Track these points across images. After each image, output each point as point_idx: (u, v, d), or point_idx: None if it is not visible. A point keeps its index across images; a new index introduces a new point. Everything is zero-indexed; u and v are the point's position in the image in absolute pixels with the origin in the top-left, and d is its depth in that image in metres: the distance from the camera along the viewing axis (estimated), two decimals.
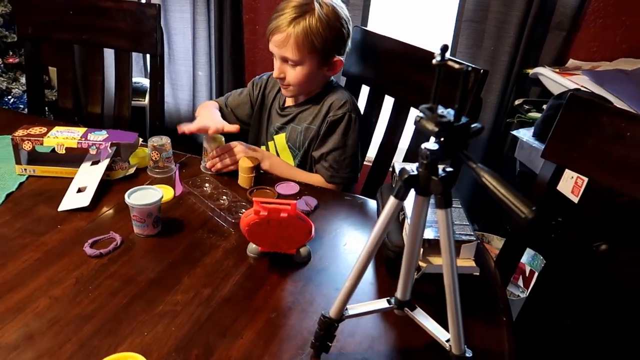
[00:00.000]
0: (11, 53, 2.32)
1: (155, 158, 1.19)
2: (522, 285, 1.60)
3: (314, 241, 0.98)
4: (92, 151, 1.15)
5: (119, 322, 0.77)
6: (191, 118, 2.54)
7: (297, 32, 1.18)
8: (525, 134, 1.48)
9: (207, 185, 1.15)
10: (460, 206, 0.90)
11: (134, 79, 2.36)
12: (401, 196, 0.61)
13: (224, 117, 1.43)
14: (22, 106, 2.32)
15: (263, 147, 1.42)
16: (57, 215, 1.03)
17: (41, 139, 1.14)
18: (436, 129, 0.55)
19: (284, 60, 1.23)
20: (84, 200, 1.05)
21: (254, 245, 0.93)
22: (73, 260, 0.90)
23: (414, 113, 1.03)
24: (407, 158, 1.33)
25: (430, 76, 0.55)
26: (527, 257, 1.60)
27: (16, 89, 2.31)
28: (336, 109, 1.28)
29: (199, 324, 0.78)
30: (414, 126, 0.63)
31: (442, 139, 0.57)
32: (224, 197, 1.10)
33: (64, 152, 1.14)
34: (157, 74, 1.53)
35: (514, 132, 1.51)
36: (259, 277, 0.90)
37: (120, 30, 1.49)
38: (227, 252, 0.95)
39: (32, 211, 1.04)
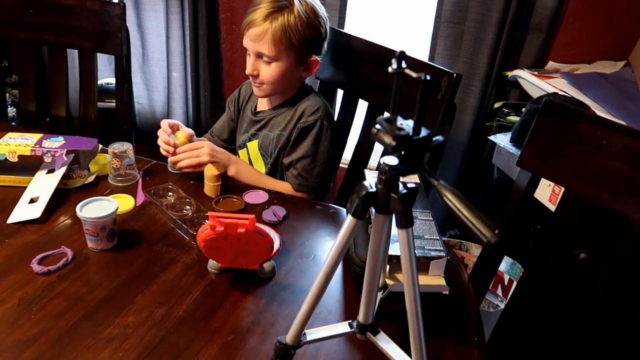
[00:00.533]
0: None
1: (116, 165, 1.13)
2: (500, 295, 1.57)
3: (281, 254, 0.93)
4: (47, 159, 1.08)
5: (61, 348, 0.72)
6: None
7: (275, 28, 1.13)
8: (502, 139, 1.44)
9: (170, 194, 1.09)
10: (431, 219, 0.85)
11: (107, 80, 2.28)
12: (359, 215, 0.56)
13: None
14: None
15: None
16: (6, 228, 0.96)
17: None
18: (393, 143, 0.50)
19: (259, 56, 1.18)
20: (36, 211, 0.99)
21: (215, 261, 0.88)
22: (18, 278, 0.84)
23: None
24: None
25: (404, 79, 0.50)
26: (506, 266, 1.56)
27: None
28: (308, 115, 1.23)
29: (150, 348, 0.73)
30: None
31: (402, 153, 0.52)
32: (187, 207, 1.05)
33: (16, 160, 1.07)
34: (123, 77, 1.46)
35: (491, 138, 1.47)
36: (219, 294, 0.84)
37: (84, 29, 1.42)
38: (187, 267, 0.90)
39: None
